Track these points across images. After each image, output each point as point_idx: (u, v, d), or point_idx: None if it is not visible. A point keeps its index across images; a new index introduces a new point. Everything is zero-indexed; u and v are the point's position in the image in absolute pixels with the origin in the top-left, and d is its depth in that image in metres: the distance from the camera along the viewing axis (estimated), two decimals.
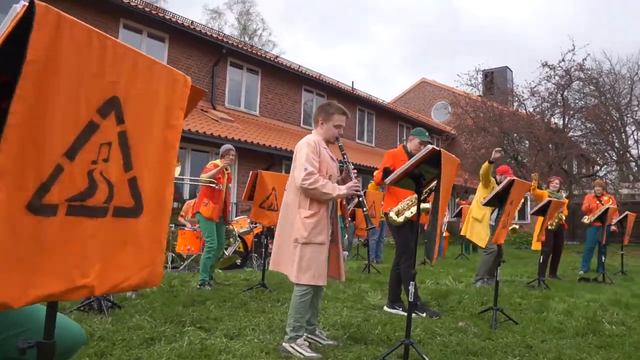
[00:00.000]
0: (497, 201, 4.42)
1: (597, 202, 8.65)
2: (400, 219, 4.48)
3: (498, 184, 6.46)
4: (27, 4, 0.91)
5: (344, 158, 3.53)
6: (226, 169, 5.73)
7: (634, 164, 18.84)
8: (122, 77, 1.16)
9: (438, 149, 2.77)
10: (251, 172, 5.49)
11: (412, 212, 4.47)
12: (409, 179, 3.04)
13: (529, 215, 18.13)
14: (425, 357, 2.95)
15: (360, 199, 3.44)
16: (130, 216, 1.28)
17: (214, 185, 5.51)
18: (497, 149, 6.11)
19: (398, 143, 20.57)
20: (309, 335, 3.42)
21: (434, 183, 2.99)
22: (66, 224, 1.10)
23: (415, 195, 4.42)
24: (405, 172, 2.85)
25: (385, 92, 68.30)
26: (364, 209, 3.47)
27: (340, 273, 3.47)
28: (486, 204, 4.43)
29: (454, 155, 3.08)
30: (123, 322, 3.64)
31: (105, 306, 3.90)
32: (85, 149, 1.11)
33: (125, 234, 1.27)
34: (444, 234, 11.43)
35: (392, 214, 4.55)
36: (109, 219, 1.22)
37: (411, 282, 3.02)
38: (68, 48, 1.00)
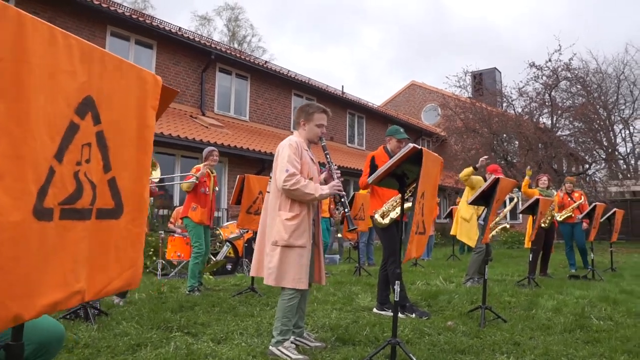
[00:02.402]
0: (483, 200, 4.45)
1: (569, 198, 8.65)
2: (386, 221, 4.49)
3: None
4: None
5: (327, 158, 3.51)
6: (211, 172, 5.70)
7: (622, 161, 19.05)
8: (92, 76, 1.16)
9: (419, 147, 2.77)
10: (238, 176, 5.47)
11: (397, 213, 4.48)
12: (392, 178, 3.04)
13: (520, 215, 18.21)
14: (412, 356, 2.95)
15: (342, 199, 3.42)
16: (111, 218, 1.28)
17: (193, 180, 5.44)
18: (483, 157, 6.16)
19: None
20: (297, 338, 3.40)
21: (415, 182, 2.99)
22: (61, 229, 1.09)
23: (400, 196, 4.48)
24: (387, 171, 2.86)
25: (375, 94, 68.64)
26: (346, 209, 3.46)
27: (322, 277, 3.46)
28: (472, 203, 4.45)
29: (436, 154, 3.09)
30: (109, 329, 3.61)
31: (91, 314, 3.86)
32: (70, 150, 1.10)
33: (108, 236, 1.27)
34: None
35: (377, 216, 4.55)
36: (93, 221, 1.22)
37: (396, 282, 3.03)
38: (35, 45, 0.99)
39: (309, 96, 17.03)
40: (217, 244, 7.65)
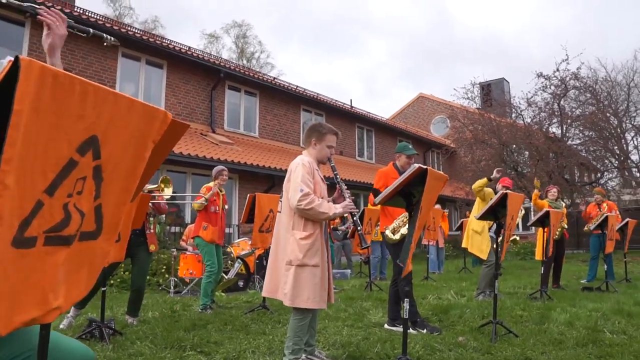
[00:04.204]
0: (492, 215, 4.47)
1: (597, 209, 8.72)
2: (397, 237, 4.53)
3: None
4: (12, 59, 0.99)
5: (336, 178, 3.58)
6: (220, 191, 5.79)
7: (635, 169, 18.84)
8: (102, 117, 1.24)
9: (425, 167, 2.83)
10: (248, 195, 5.56)
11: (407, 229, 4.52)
12: (399, 197, 3.10)
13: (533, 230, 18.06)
14: None
15: (355, 218, 3.48)
16: (91, 239, 1.36)
17: (203, 200, 5.55)
18: (498, 168, 6.18)
19: None
20: (309, 356, 3.43)
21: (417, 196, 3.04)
22: (43, 254, 1.18)
23: None
24: (394, 191, 2.91)
25: (383, 106, 68.86)
26: (358, 228, 3.51)
27: (331, 295, 3.47)
28: (480, 218, 4.47)
29: (441, 172, 3.14)
30: (124, 349, 3.68)
31: (106, 334, 3.93)
32: (64, 185, 1.18)
33: (85, 255, 1.35)
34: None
35: (388, 232, 4.60)
36: (75, 243, 1.30)
37: (405, 299, 3.06)
38: (51, 96, 1.07)
39: (317, 111, 17.18)
40: (229, 262, 7.71)
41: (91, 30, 1.88)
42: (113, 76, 11.40)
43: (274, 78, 16.79)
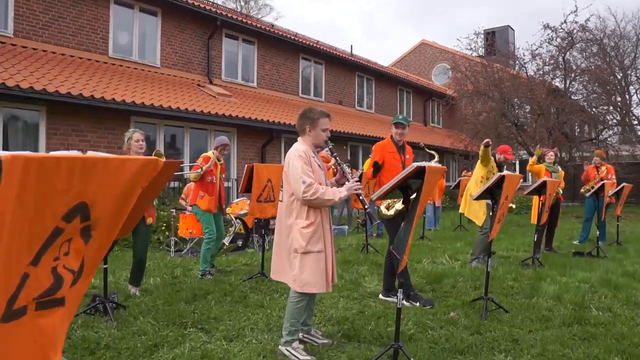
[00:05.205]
0: (489, 194, 4.48)
1: (596, 172, 8.79)
2: (391, 212, 4.58)
3: (497, 162, 6.50)
4: None
5: (336, 160, 3.60)
6: (218, 160, 5.78)
7: (636, 122, 18.68)
8: (90, 184, 1.23)
9: (423, 165, 2.81)
10: (246, 165, 5.54)
11: (402, 205, 4.54)
12: (397, 190, 3.10)
13: (530, 175, 18.13)
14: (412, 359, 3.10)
15: (361, 197, 3.52)
16: (74, 285, 1.38)
17: (199, 172, 5.54)
18: (485, 140, 6.13)
19: (398, 109, 20.39)
20: (305, 335, 3.58)
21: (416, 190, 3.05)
22: (37, 318, 1.20)
23: None
24: (391, 188, 2.91)
25: (383, 48, 66.81)
26: (366, 206, 3.53)
27: (334, 276, 3.56)
28: (477, 199, 4.49)
29: (440, 166, 3.12)
30: (127, 326, 3.81)
31: (110, 308, 4.06)
32: (49, 252, 1.19)
33: (69, 300, 1.38)
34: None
35: (382, 208, 4.65)
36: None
37: (399, 290, 3.14)
38: (35, 181, 1.06)
39: (317, 59, 16.75)
40: (229, 228, 7.80)
41: None
42: (106, 25, 10.99)
43: (272, 25, 16.22)
